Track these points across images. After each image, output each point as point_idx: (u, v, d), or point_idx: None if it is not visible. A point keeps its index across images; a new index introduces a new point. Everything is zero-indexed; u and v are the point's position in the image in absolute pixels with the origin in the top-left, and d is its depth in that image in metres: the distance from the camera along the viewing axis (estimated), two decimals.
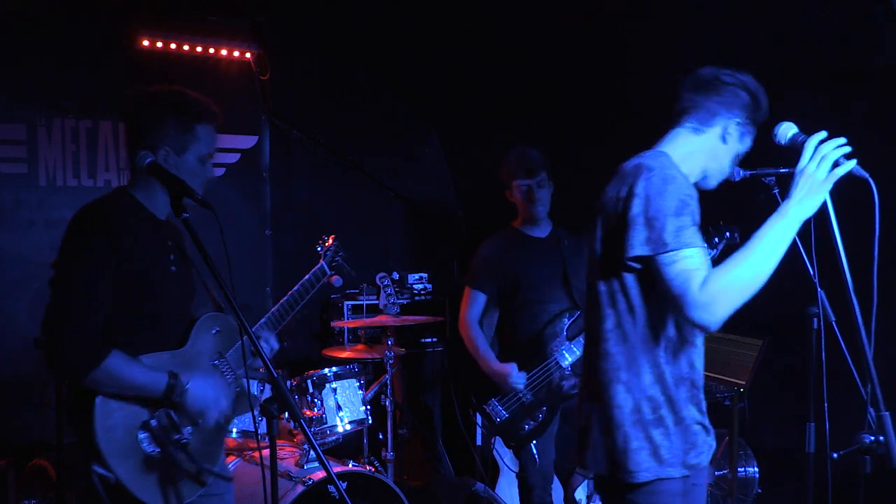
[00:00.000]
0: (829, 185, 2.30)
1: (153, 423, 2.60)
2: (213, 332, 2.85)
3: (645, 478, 2.49)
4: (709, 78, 2.63)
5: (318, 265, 3.58)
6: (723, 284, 2.28)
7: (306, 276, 3.48)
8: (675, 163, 2.54)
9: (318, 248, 3.73)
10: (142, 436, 2.59)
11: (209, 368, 2.81)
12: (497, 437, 4.69)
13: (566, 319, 4.29)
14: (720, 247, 3.56)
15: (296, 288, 3.41)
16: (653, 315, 2.50)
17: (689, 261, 2.32)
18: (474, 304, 4.43)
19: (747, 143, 2.67)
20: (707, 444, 2.62)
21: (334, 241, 3.77)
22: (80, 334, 2.50)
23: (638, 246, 2.40)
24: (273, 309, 3.26)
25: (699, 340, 2.60)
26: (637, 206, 2.40)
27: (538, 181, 4.34)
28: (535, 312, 4.34)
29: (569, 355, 4.21)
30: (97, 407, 2.53)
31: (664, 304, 2.46)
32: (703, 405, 2.62)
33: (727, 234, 3.57)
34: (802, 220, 2.33)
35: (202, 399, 2.66)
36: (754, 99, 2.61)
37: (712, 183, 2.69)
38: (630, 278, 2.50)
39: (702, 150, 2.63)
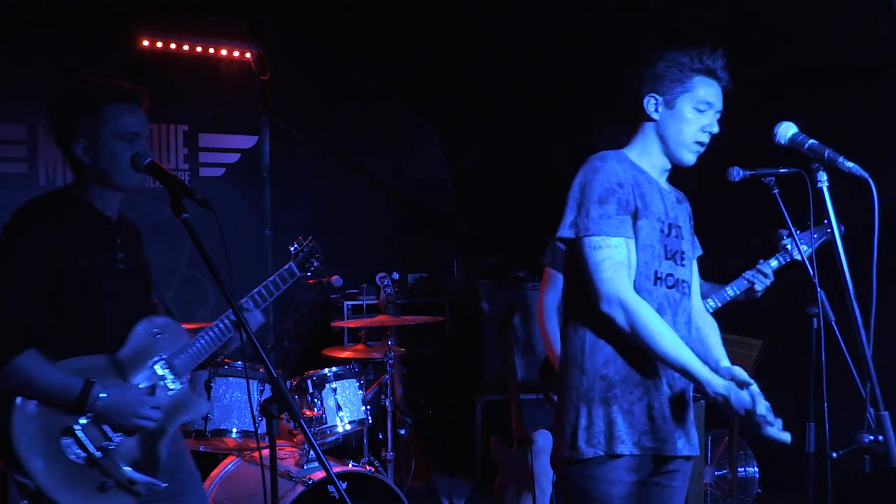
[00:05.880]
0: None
1: (77, 428, 2.45)
2: (155, 334, 2.68)
3: (592, 454, 2.48)
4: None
5: (286, 265, 3.14)
6: (639, 320, 2.39)
7: (270, 278, 3.04)
8: (625, 158, 2.59)
9: (292, 249, 3.28)
10: (65, 441, 2.44)
11: (146, 373, 2.63)
12: (497, 438, 4.68)
13: None
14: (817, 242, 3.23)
15: (256, 289, 2.97)
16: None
17: (605, 251, 2.44)
18: None
19: (690, 101, 2.55)
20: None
21: (311, 241, 3.30)
22: None
23: (563, 228, 2.53)
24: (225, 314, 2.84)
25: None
26: (571, 192, 2.55)
27: None
28: None
29: None
30: (16, 410, 2.40)
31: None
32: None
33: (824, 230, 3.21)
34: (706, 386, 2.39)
35: (118, 407, 2.48)
36: (668, 65, 2.56)
37: (684, 159, 2.62)
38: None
39: (650, 138, 2.63)
